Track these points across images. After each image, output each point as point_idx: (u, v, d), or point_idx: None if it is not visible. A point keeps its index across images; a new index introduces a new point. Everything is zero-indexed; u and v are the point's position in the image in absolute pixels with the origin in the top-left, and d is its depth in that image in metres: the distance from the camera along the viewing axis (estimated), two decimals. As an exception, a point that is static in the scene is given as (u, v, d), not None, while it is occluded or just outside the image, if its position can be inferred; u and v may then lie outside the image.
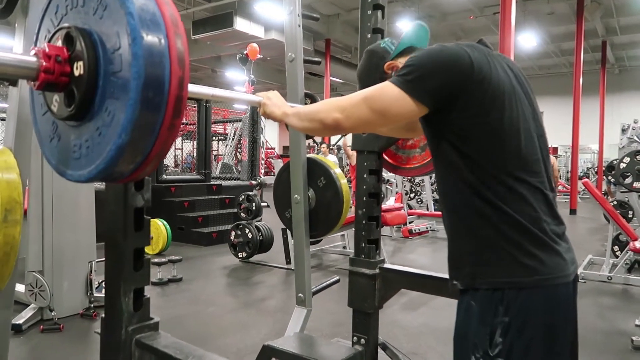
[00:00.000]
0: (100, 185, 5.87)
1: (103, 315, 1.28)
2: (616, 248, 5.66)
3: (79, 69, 0.95)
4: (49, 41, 1.02)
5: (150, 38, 0.90)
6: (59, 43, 0.99)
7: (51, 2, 1.08)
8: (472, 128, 1.09)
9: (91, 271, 3.71)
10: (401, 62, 1.32)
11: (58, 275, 3.53)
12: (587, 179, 7.09)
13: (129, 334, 1.22)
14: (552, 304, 1.08)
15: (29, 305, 3.43)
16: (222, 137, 15.16)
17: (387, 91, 1.12)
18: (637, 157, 4.87)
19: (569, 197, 12.47)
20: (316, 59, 2.72)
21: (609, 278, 4.96)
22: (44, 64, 0.95)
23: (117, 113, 0.92)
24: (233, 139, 12.82)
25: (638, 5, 12.93)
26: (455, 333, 1.17)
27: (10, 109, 1.45)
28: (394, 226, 7.35)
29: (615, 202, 7.03)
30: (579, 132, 12.29)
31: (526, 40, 14.95)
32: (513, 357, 1.07)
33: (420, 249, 6.98)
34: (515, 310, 1.06)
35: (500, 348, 1.07)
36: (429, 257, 6.46)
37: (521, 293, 1.07)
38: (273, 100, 1.42)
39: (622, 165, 4.92)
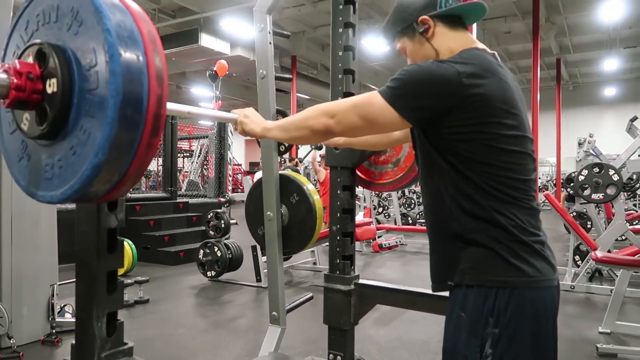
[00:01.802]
0: (62, 205, 5.67)
1: (73, 341, 1.22)
2: (577, 258, 5.86)
3: (52, 86, 0.92)
4: (19, 57, 0.98)
5: (128, 55, 0.88)
6: (30, 60, 0.96)
7: (21, 17, 1.05)
8: (462, 143, 1.12)
9: (53, 295, 3.55)
10: (437, 27, 1.25)
11: (17, 300, 3.36)
12: (547, 192, 7.33)
13: (102, 361, 1.17)
14: (540, 310, 1.12)
15: (-15, 333, 3.25)
16: (188, 154, 14.95)
17: (375, 101, 1.14)
18: (594, 169, 5.08)
19: (530, 209, 12.82)
20: (287, 76, 2.72)
21: (572, 287, 5.12)
22: (15, 81, 0.91)
23: (93, 131, 0.89)
24: (199, 156, 12.65)
25: (588, 26, 13.65)
26: (445, 346, 1.18)
27: (-27, 127, 1.38)
28: (364, 241, 7.38)
29: (574, 214, 7.29)
30: (537, 146, 12.74)
31: (486, 58, 15.46)
32: None
33: (390, 263, 7.02)
34: (505, 321, 1.09)
35: (491, 359, 1.09)
36: (399, 271, 6.51)
37: (512, 298, 1.09)
38: (251, 117, 1.41)
39: (581, 178, 5.12)
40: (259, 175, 8.14)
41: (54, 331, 3.47)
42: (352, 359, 2.14)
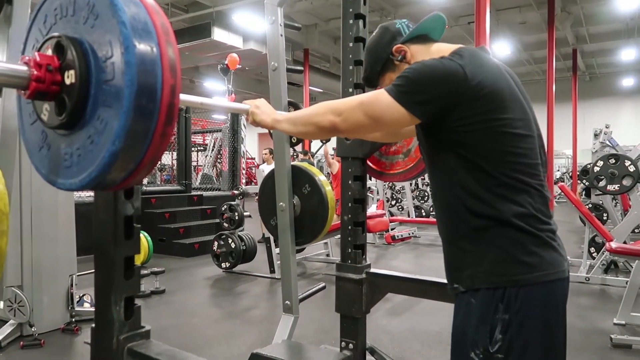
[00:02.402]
0: (79, 197, 5.78)
1: (93, 325, 1.27)
2: (592, 250, 5.80)
3: (70, 77, 0.96)
4: (39, 50, 1.02)
5: (142, 47, 0.91)
6: (49, 52, 1.00)
7: (39, 11, 1.09)
8: (472, 134, 1.12)
9: (72, 285, 3.65)
10: (411, 48, 1.33)
11: (38, 290, 3.46)
12: (562, 184, 7.26)
13: (120, 343, 1.21)
14: (550, 299, 1.13)
15: (7, 321, 3.34)
16: (202, 148, 15.07)
17: (382, 99, 1.16)
18: (610, 160, 5.02)
19: (545, 201, 12.73)
20: (298, 68, 2.75)
21: (587, 279, 5.09)
22: (35, 72, 0.95)
23: (110, 121, 0.92)
24: (213, 150, 12.75)
25: (605, 15, 13.40)
26: (454, 332, 1.19)
27: (-6, 119, 1.44)
28: (377, 233, 7.40)
29: (590, 205, 7.22)
30: (553, 137, 12.57)
31: (500, 49, 15.32)
32: (512, 353, 1.10)
33: (403, 255, 7.03)
34: (515, 308, 1.09)
35: (500, 345, 1.10)
36: (412, 263, 6.52)
37: (521, 290, 1.10)
38: (262, 108, 1.44)
39: (596, 169, 5.07)
40: (263, 167, 8.08)
41: (73, 320, 3.56)
42: (363, 347, 2.16)
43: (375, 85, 1.42)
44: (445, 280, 1.90)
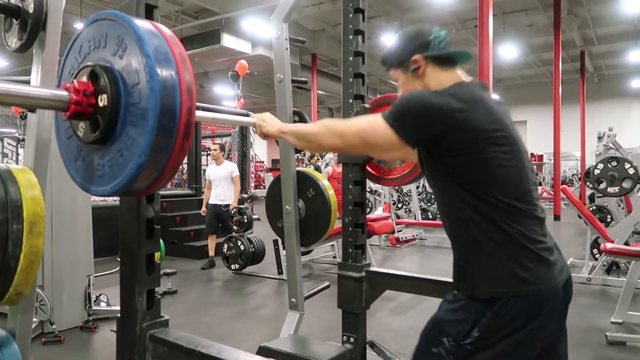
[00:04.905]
0: (93, 201, 5.98)
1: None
2: (595, 251, 5.90)
3: (103, 100, 1.12)
4: (75, 77, 1.19)
5: (164, 74, 1.07)
6: (84, 78, 1.16)
7: (75, 42, 1.26)
8: (460, 162, 1.25)
9: (89, 285, 3.83)
10: (427, 66, 1.40)
11: (58, 290, 3.65)
12: (565, 186, 7.35)
13: (143, 330, 1.37)
14: (538, 310, 1.22)
15: (30, 319, 3.53)
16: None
17: (378, 127, 1.29)
18: (611, 163, 5.12)
19: (552, 203, 12.80)
20: (303, 79, 2.92)
21: (588, 279, 5.19)
22: (74, 97, 1.12)
23: (136, 137, 1.09)
24: (222, 154, 12.94)
25: (613, 17, 13.44)
26: (435, 318, 1.30)
27: (30, 132, 1.61)
28: (382, 235, 7.54)
29: (594, 207, 7.30)
30: (559, 140, 12.63)
31: (507, 52, 15.40)
32: (487, 350, 1.20)
33: (409, 257, 7.16)
34: (506, 320, 1.19)
35: (472, 340, 1.20)
36: (418, 265, 6.64)
37: (510, 300, 1.20)
38: (268, 120, 1.61)
39: (597, 172, 5.17)
40: (210, 170, 7.32)
41: (91, 318, 3.75)
42: (364, 341, 2.32)
43: (387, 68, 1.52)
44: (437, 277, 2.07)
